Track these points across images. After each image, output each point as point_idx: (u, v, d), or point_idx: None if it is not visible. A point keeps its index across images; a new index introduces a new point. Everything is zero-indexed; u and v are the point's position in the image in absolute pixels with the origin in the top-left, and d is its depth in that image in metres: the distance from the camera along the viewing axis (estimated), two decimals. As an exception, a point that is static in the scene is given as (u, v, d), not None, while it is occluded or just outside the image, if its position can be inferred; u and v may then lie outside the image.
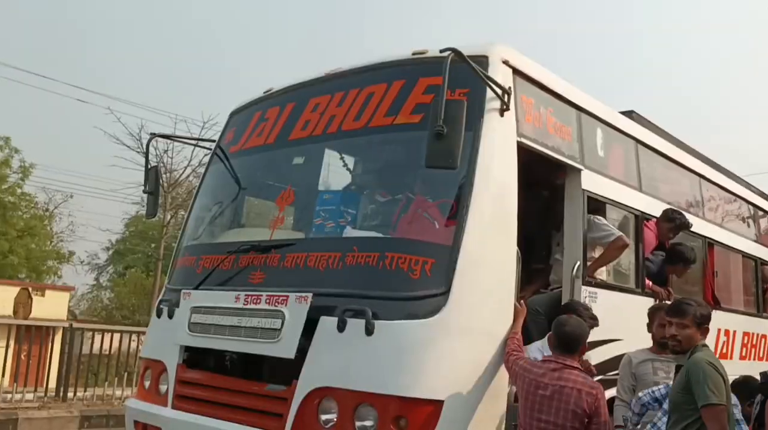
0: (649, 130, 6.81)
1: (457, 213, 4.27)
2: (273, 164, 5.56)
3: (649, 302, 5.67)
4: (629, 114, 7.16)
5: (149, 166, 5.85)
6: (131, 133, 19.80)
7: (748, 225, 8.47)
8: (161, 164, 19.24)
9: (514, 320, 4.39)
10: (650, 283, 5.98)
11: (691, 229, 6.80)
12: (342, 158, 5.50)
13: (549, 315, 4.93)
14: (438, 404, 3.95)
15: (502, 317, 4.35)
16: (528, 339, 4.98)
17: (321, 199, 5.06)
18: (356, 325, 4.04)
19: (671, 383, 4.23)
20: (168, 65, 62.85)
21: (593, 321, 4.60)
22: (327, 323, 4.15)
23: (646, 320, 5.11)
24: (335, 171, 5.47)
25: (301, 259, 4.57)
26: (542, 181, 5.57)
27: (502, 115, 4.48)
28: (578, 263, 5.11)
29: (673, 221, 6.02)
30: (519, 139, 4.63)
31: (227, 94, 52.01)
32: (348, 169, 5.55)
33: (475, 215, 4.24)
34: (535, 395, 3.90)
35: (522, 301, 4.58)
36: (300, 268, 4.54)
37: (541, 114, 4.95)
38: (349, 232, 4.68)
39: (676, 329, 3.89)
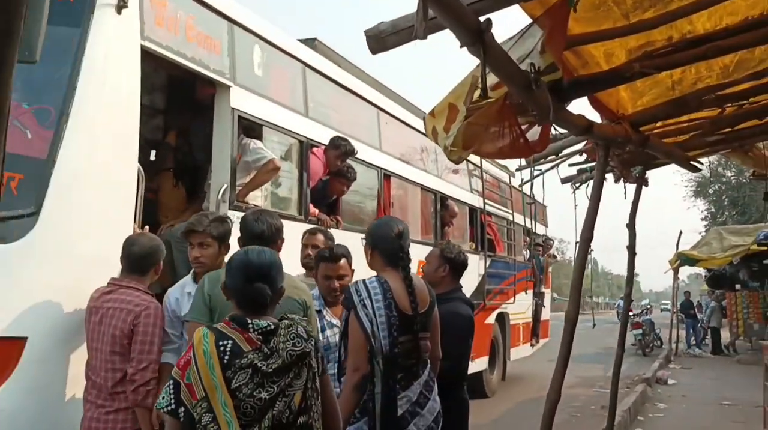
0: (326, 57, 6.66)
1: (56, 121, 3.64)
2: None
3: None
4: (311, 41, 6.97)
5: None
6: None
7: (432, 161, 8.83)
8: None
9: None
10: (316, 211, 5.86)
11: (369, 160, 6.87)
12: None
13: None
14: (19, 341, 3.37)
15: (113, 241, 3.84)
16: (174, 271, 4.58)
17: None
18: None
19: None
20: None
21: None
22: None
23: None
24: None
25: None
26: (205, 100, 5.13)
27: (119, 12, 3.91)
28: (225, 186, 4.77)
29: (339, 147, 5.94)
30: (144, 42, 4.10)
31: None
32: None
33: (78, 123, 3.66)
34: (89, 322, 3.45)
35: (147, 226, 4.10)
36: None
37: (178, 20, 4.45)
38: None
39: None
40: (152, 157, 6.27)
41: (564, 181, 4.90)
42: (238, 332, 2.26)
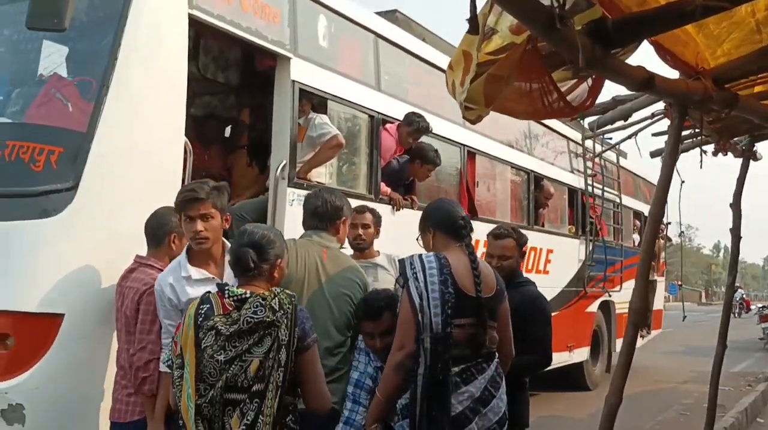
0: (408, 30, 6.34)
1: (97, 93, 3.56)
2: None
3: (385, 208, 5.29)
4: (392, 13, 6.67)
5: None
6: None
7: (524, 138, 8.31)
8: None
9: None
10: (388, 189, 5.58)
11: (450, 137, 6.51)
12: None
13: (258, 221, 4.41)
14: (56, 318, 3.32)
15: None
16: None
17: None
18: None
19: None
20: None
21: None
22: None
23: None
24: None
25: None
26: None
27: (165, -21, 3.78)
28: (283, 162, 4.58)
29: (412, 123, 5.60)
30: (192, 11, 3.94)
31: None
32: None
33: (119, 95, 3.56)
34: (116, 302, 3.32)
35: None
36: None
37: (232, -12, 4.28)
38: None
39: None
40: (227, 135, 6.23)
41: (654, 154, 4.35)
42: (219, 298, 2.48)
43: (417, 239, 3.12)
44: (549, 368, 3.83)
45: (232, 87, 6.18)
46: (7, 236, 3.35)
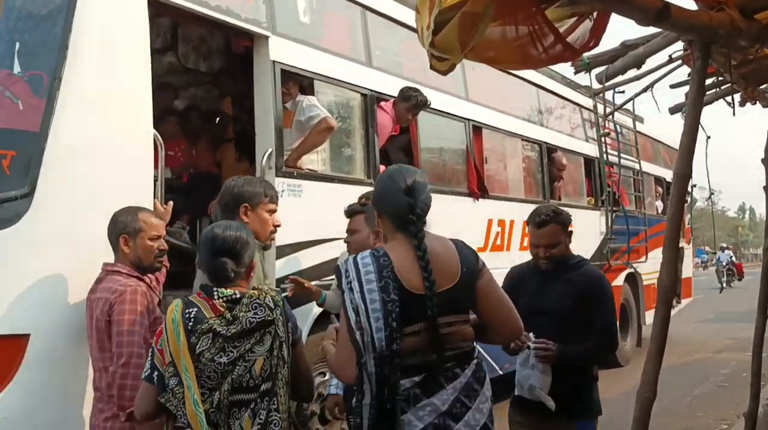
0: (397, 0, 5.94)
1: (49, 88, 3.21)
2: None
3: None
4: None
5: None
6: None
7: (534, 109, 7.88)
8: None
9: None
10: (389, 172, 5.20)
11: (452, 112, 6.12)
12: None
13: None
14: (20, 339, 3.00)
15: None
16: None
17: None
18: None
19: None
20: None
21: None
22: None
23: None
24: None
25: None
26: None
27: (114, -43, 3.42)
28: (269, 150, 4.23)
29: (409, 98, 5.22)
30: (150, -9, 3.59)
31: None
32: None
33: (73, 88, 3.21)
34: (86, 317, 2.99)
35: (171, 202, 3.61)
36: None
37: (195, -37, 3.91)
38: None
39: None
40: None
41: (673, 110, 3.92)
42: (204, 301, 2.38)
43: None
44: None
45: (215, 76, 5.84)
46: (-40, 252, 3.04)
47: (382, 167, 5.15)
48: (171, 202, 3.57)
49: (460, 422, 2.18)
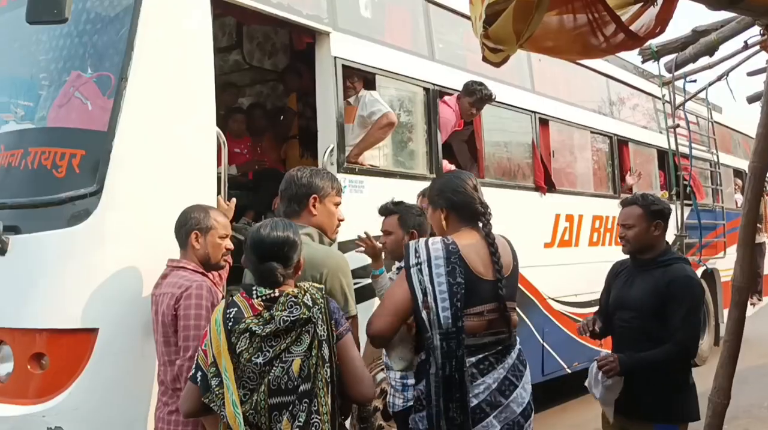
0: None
1: (116, 88, 3.30)
2: None
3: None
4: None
5: None
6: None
7: (605, 100, 7.65)
8: None
9: None
10: (452, 167, 5.14)
11: (518, 104, 6.00)
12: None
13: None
14: (90, 333, 3.10)
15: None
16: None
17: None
18: (-12, 243, 3.13)
19: None
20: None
21: None
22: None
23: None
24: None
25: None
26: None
27: (179, -43, 3.48)
28: (331, 146, 4.23)
29: (474, 93, 5.13)
30: (214, -10, 3.64)
31: None
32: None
33: (138, 87, 3.29)
34: (152, 312, 3.04)
35: (235, 198, 3.65)
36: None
37: (256, -39, 3.94)
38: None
39: None
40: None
41: (751, 99, 3.70)
42: (245, 300, 2.35)
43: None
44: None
45: (280, 73, 5.89)
46: (33, 248, 3.15)
47: (445, 162, 5.10)
48: (234, 199, 3.61)
49: (510, 397, 2.46)
